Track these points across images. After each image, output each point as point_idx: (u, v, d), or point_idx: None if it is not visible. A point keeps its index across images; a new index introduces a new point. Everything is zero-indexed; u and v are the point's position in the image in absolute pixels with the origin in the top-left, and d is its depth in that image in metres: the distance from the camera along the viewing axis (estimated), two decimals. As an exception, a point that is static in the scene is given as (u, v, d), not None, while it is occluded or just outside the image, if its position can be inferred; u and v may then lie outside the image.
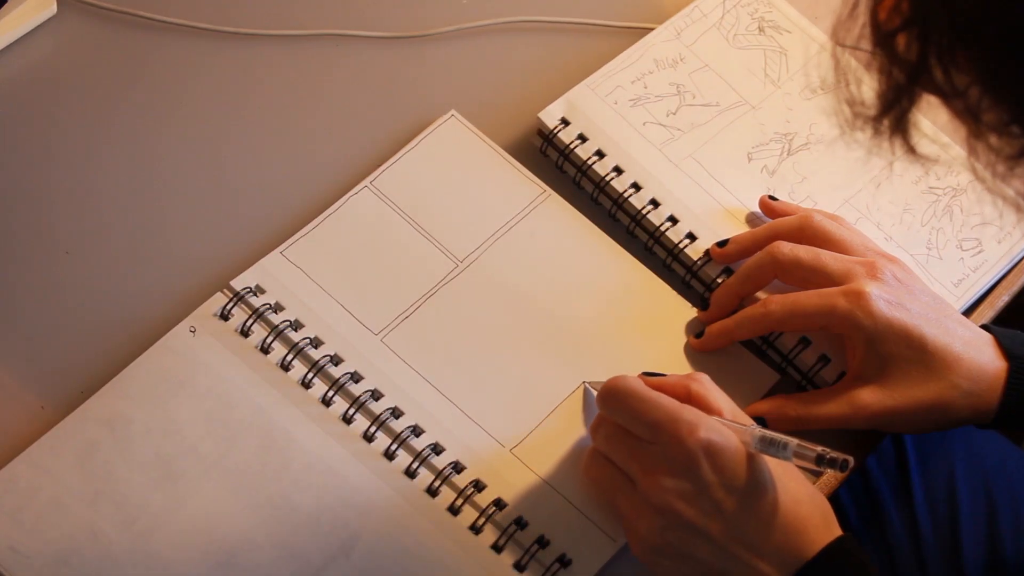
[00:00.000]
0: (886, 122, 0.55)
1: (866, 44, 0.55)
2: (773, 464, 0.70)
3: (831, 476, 0.79)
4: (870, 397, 0.76)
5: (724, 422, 0.70)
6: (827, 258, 0.78)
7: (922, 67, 0.52)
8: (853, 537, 0.70)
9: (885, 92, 0.54)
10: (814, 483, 0.77)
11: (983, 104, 0.52)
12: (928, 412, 0.75)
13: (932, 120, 0.80)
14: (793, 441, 0.67)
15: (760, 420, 0.77)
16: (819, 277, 0.77)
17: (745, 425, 0.71)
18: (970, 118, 0.53)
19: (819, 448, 0.66)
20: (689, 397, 0.72)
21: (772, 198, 0.85)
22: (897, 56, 0.53)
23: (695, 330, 0.82)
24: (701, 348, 0.81)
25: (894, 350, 0.75)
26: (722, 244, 0.83)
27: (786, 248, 0.78)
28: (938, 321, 0.76)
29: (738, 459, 0.69)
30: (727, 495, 0.68)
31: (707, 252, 0.84)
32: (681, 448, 0.68)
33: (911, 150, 0.57)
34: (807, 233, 0.80)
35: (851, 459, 0.65)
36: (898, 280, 0.77)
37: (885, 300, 0.75)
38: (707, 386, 0.73)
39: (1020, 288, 0.88)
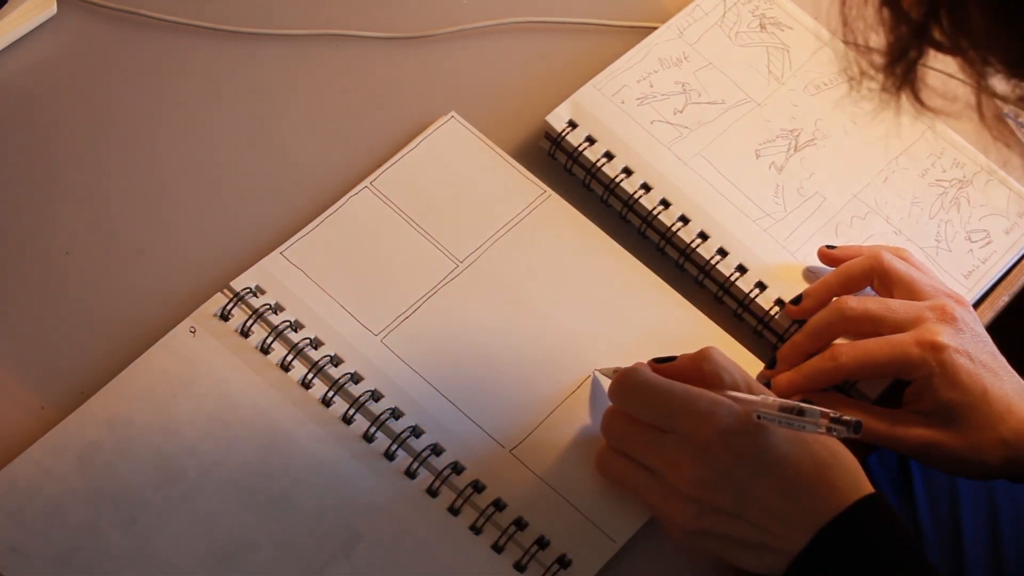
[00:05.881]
0: (895, 73, 0.56)
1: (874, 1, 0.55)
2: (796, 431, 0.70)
3: None
4: (920, 431, 0.76)
5: (738, 397, 0.71)
6: (897, 307, 0.78)
7: (929, 18, 0.52)
8: (885, 494, 0.70)
9: (892, 45, 0.55)
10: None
11: (993, 42, 0.52)
12: (970, 456, 0.76)
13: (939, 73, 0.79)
14: (816, 410, 0.67)
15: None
16: (889, 327, 0.77)
17: (760, 396, 0.71)
18: (977, 65, 0.53)
19: (831, 412, 0.66)
20: (702, 376, 0.73)
21: (830, 247, 0.84)
22: (903, 11, 0.53)
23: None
24: None
25: (956, 397, 0.75)
26: (796, 301, 0.82)
27: (854, 302, 0.78)
28: (994, 371, 0.76)
29: (755, 438, 0.70)
30: (751, 475, 0.69)
31: (720, 251, 0.83)
32: (699, 438, 0.70)
33: (919, 102, 0.57)
34: (877, 273, 0.80)
35: (860, 422, 0.66)
36: (966, 324, 0.77)
37: (955, 350, 0.75)
38: (718, 361, 0.73)
39: (1020, 288, 0.88)
